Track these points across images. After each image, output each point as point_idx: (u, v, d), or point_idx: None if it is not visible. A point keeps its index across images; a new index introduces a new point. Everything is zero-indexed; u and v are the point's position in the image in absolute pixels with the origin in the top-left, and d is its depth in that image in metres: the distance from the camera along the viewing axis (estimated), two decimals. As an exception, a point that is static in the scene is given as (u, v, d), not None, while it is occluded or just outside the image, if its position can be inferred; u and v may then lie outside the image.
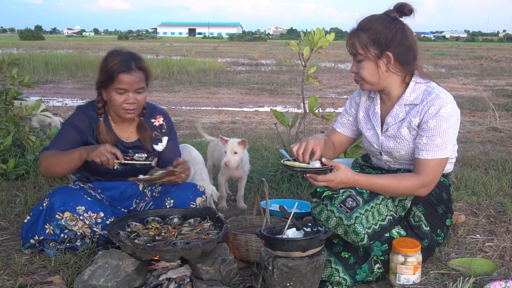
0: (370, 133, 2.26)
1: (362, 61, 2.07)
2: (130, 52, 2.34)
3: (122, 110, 2.30)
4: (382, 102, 2.22)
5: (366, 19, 2.08)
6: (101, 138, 2.36)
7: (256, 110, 7.83)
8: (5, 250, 2.32)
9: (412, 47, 2.07)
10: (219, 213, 2.22)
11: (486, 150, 4.65)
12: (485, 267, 2.15)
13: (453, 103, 2.05)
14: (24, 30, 52.07)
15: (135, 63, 2.28)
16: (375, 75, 2.08)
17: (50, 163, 2.24)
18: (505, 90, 10.27)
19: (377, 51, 2.04)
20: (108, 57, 2.30)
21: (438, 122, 2.01)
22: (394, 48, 2.03)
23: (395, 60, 2.04)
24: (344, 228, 1.96)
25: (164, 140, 2.53)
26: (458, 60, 21.48)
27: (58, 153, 2.24)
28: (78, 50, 23.20)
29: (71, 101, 8.46)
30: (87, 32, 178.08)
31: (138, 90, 2.29)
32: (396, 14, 2.06)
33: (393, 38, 2.02)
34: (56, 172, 2.29)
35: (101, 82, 2.30)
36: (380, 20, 2.05)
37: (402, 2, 2.06)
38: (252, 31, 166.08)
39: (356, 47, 2.06)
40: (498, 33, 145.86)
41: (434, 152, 2.03)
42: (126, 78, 2.24)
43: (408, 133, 2.11)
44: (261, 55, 22.66)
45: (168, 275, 1.90)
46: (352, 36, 2.08)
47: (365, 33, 2.04)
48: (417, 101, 2.09)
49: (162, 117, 2.55)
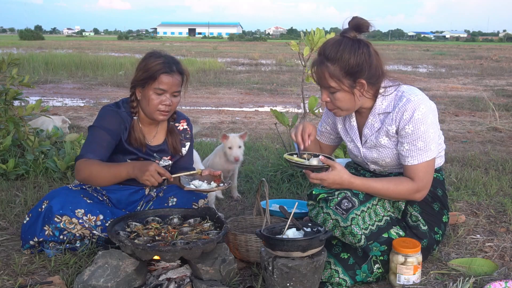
0: (351, 145, 2.24)
1: (335, 93, 2.00)
2: (170, 55, 2.35)
3: (157, 111, 2.29)
4: (357, 113, 2.18)
5: (332, 48, 1.97)
6: (134, 136, 2.35)
7: (256, 110, 7.83)
8: (5, 250, 2.32)
9: (378, 64, 2.01)
10: (219, 213, 2.22)
11: (486, 150, 4.65)
12: (485, 267, 2.15)
13: (425, 103, 2.00)
14: (24, 30, 52.08)
15: (176, 66, 2.29)
16: (351, 103, 2.03)
17: (92, 175, 2.17)
18: (505, 90, 10.28)
19: (350, 81, 1.98)
20: (150, 57, 2.30)
21: (415, 126, 1.98)
22: (365, 73, 1.98)
23: (368, 83, 2.00)
24: (341, 230, 1.96)
25: (187, 145, 2.55)
26: (458, 60, 21.50)
27: (103, 165, 2.19)
28: (78, 50, 23.19)
29: (71, 101, 8.46)
30: (87, 32, 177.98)
31: (175, 93, 2.29)
32: (355, 33, 2.00)
33: (363, 65, 1.96)
34: (96, 183, 2.24)
35: (139, 80, 2.30)
36: (347, 48, 1.95)
37: (358, 20, 2.00)
38: (252, 31, 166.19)
39: (327, 80, 1.98)
40: (498, 33, 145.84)
41: (419, 156, 2.00)
42: (168, 79, 2.25)
43: (388, 141, 2.08)
44: (261, 55, 22.67)
45: (168, 275, 1.90)
46: (320, 68, 1.99)
47: (335, 64, 1.95)
48: (389, 108, 2.04)
49: (185, 122, 2.56)
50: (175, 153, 2.49)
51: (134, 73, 2.33)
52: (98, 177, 2.18)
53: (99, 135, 2.27)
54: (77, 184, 2.39)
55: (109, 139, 2.27)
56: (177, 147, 2.48)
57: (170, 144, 2.47)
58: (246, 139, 3.20)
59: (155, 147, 2.44)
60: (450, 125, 6.34)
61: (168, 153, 2.48)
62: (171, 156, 2.49)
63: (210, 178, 2.32)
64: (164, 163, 2.47)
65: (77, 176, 2.22)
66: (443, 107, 7.91)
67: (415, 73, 14.82)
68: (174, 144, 2.47)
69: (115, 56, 18.08)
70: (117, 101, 2.43)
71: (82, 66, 13.94)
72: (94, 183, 2.25)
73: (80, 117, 6.56)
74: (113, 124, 2.30)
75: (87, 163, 2.18)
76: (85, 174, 2.18)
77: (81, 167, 2.19)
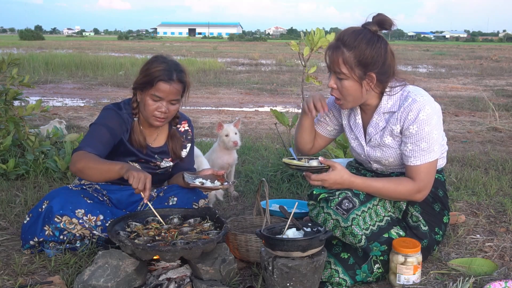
0: (355, 143, 2.24)
1: (344, 80, 2.00)
2: (175, 62, 2.33)
3: (152, 117, 2.29)
4: (362, 111, 2.18)
5: (351, 35, 1.97)
6: (134, 138, 2.35)
7: (256, 110, 7.83)
8: (5, 250, 2.32)
9: (391, 64, 2.03)
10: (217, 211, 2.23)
11: (486, 150, 4.65)
12: (485, 267, 2.15)
13: (431, 104, 2.00)
14: (24, 30, 52.03)
15: (177, 74, 2.27)
16: (357, 94, 2.03)
17: (87, 166, 2.12)
18: (505, 90, 10.28)
19: (361, 72, 1.98)
20: (153, 61, 2.29)
21: (419, 127, 1.98)
22: (377, 69, 1.98)
23: (377, 79, 2.01)
24: (342, 230, 1.96)
25: (188, 147, 2.55)
26: (458, 60, 21.50)
27: (99, 159, 2.15)
28: (78, 50, 23.19)
29: (71, 101, 8.46)
30: (87, 32, 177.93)
31: (172, 101, 2.28)
32: (377, 28, 2.01)
33: (377, 59, 1.97)
34: (90, 176, 2.17)
35: (139, 83, 2.30)
36: (365, 38, 1.96)
37: (383, 17, 2.01)
38: (252, 31, 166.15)
39: (339, 66, 1.98)
40: (498, 33, 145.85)
41: (421, 157, 2.01)
42: (165, 87, 2.23)
43: (392, 140, 2.08)
44: (261, 55, 22.66)
45: (168, 275, 1.90)
46: (335, 52, 1.98)
47: (351, 52, 1.95)
48: (394, 108, 2.05)
49: (186, 123, 2.56)
50: (175, 158, 2.50)
51: (138, 74, 2.33)
52: (92, 169, 2.11)
53: (99, 131, 2.26)
54: (77, 184, 2.39)
55: (108, 136, 2.27)
56: (177, 152, 2.49)
57: (171, 149, 2.47)
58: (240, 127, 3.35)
59: (156, 149, 2.44)
60: (450, 125, 6.34)
61: (169, 155, 2.48)
62: (172, 158, 2.50)
63: (213, 177, 2.33)
64: (166, 164, 2.47)
65: (71, 167, 2.18)
66: (443, 107, 7.90)
67: (415, 73, 14.82)
68: (174, 149, 2.47)
69: (115, 56, 18.08)
70: (118, 102, 2.43)
71: (82, 66, 13.94)
72: (87, 176, 2.17)
73: (80, 117, 6.56)
74: (114, 123, 2.30)
75: (84, 155, 2.14)
76: (80, 165, 2.12)
77: (77, 158, 2.15)
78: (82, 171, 2.14)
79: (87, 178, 2.20)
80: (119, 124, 2.32)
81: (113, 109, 2.35)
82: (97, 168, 2.12)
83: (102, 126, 2.27)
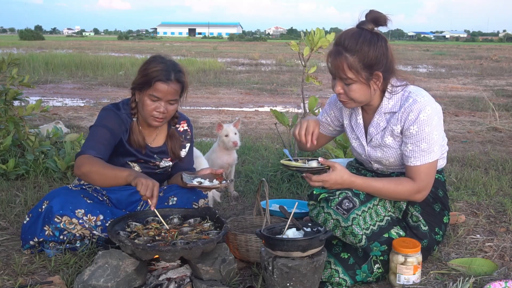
0: (356, 143, 2.24)
1: (351, 84, 1.99)
2: (173, 62, 2.32)
3: (151, 117, 2.29)
4: (364, 111, 2.18)
5: (351, 39, 1.95)
6: (133, 138, 2.35)
7: (256, 110, 7.83)
8: (5, 250, 2.31)
9: (392, 59, 2.03)
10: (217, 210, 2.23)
11: (486, 150, 4.65)
12: (485, 267, 2.15)
13: (431, 104, 2.00)
14: (24, 30, 52.01)
15: (175, 75, 2.26)
16: (366, 95, 2.02)
17: (92, 171, 2.12)
18: (505, 90, 10.28)
19: (367, 73, 1.97)
20: (151, 61, 2.29)
21: (419, 127, 1.98)
22: (382, 67, 1.98)
23: (383, 76, 2.00)
24: (342, 230, 1.96)
25: (187, 147, 2.55)
26: (458, 60, 21.50)
27: (104, 163, 2.16)
28: (78, 50, 23.19)
29: (71, 101, 8.46)
30: (87, 32, 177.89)
31: (170, 101, 2.28)
32: (373, 26, 1.99)
33: (381, 58, 1.97)
34: (95, 181, 2.17)
35: (137, 84, 2.30)
36: (366, 40, 1.95)
37: (376, 14, 1.99)
38: (252, 31, 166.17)
39: (345, 72, 1.95)
40: (498, 33, 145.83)
41: (422, 157, 2.01)
42: (163, 87, 2.23)
43: (393, 140, 2.08)
44: (261, 55, 22.66)
45: (168, 275, 1.90)
46: (338, 58, 1.96)
47: (354, 56, 1.93)
48: (395, 108, 2.05)
49: (185, 123, 2.56)
50: (174, 158, 2.50)
51: (136, 74, 2.33)
52: (98, 174, 2.12)
53: (99, 133, 2.27)
54: (77, 184, 2.39)
55: (109, 137, 2.27)
56: (176, 152, 2.49)
57: (170, 149, 2.47)
58: (239, 127, 3.36)
59: (155, 149, 2.44)
60: (450, 125, 6.34)
61: (168, 155, 2.48)
62: (171, 158, 2.50)
63: (212, 177, 2.33)
64: (165, 164, 2.47)
65: (76, 171, 2.18)
66: (443, 107, 7.90)
67: (415, 73, 14.82)
68: (173, 149, 2.47)
69: (115, 56, 18.08)
70: (117, 102, 2.43)
71: (82, 66, 13.94)
72: (92, 181, 2.18)
73: (80, 117, 6.56)
74: (113, 123, 2.30)
75: (89, 159, 2.15)
76: (85, 169, 2.13)
77: (82, 162, 2.15)
78: (87, 176, 2.15)
79: (92, 182, 2.21)
80: (118, 124, 2.32)
81: (111, 109, 2.35)
82: (103, 173, 2.13)
83: (102, 127, 2.28)
